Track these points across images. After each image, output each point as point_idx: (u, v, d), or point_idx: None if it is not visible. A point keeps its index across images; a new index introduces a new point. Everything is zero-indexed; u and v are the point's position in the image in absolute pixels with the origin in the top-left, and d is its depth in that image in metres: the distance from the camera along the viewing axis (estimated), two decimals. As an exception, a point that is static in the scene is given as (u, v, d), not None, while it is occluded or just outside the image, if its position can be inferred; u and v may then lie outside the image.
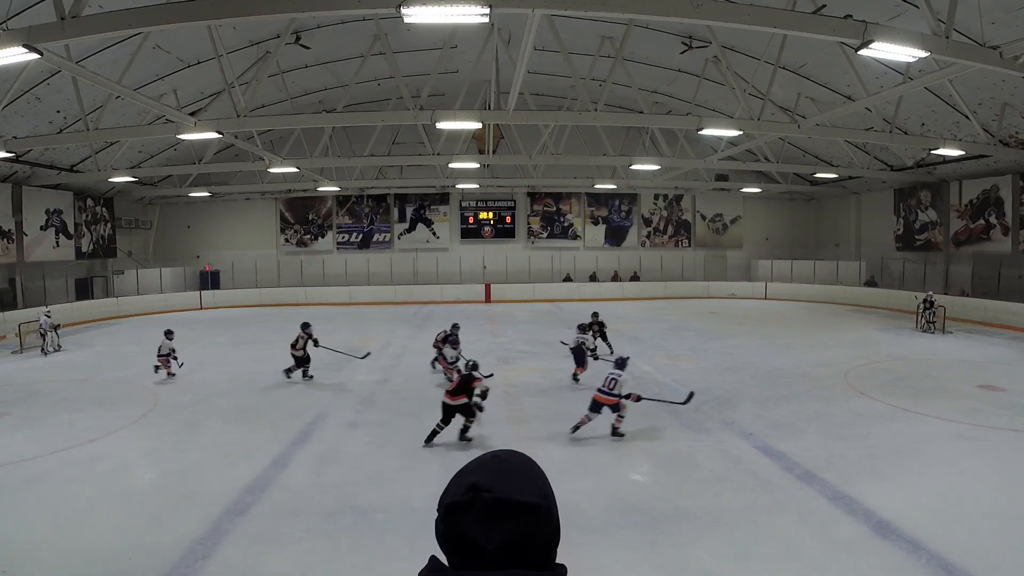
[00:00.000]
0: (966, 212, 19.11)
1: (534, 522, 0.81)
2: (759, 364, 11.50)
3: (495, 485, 0.81)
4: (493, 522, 0.79)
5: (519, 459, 0.90)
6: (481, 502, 0.80)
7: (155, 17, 7.05)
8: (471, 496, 0.81)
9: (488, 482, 0.82)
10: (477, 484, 0.81)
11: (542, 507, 0.82)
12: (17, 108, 13.12)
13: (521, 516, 0.80)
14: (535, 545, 0.81)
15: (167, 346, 11.10)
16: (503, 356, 13.01)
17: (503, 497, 0.80)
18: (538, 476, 0.87)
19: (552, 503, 0.85)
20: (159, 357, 11.08)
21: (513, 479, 0.84)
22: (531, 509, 0.81)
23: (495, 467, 0.86)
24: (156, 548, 4.75)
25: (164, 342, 11.16)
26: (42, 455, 6.94)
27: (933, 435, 7.38)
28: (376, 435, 7.74)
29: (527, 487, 0.83)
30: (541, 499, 0.83)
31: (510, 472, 0.85)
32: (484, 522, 0.79)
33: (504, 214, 27.41)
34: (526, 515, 0.80)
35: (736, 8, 7.27)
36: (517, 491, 0.81)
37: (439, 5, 6.16)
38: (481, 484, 0.81)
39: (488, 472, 0.84)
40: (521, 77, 10.19)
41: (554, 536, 0.85)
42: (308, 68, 16.90)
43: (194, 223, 26.92)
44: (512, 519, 0.79)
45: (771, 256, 26.88)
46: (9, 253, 18.02)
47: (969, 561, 4.37)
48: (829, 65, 14.19)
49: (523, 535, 0.80)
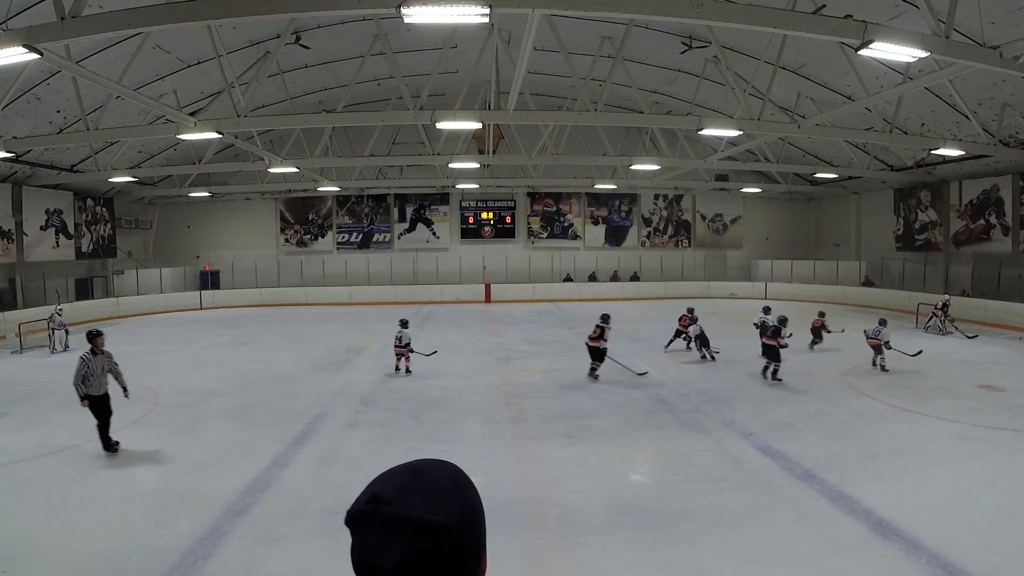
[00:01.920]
0: (966, 212, 19.11)
1: (437, 543, 0.72)
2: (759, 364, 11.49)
3: (398, 498, 0.74)
4: (391, 538, 0.71)
5: (439, 471, 0.80)
6: (380, 516, 0.73)
7: (155, 17, 7.05)
8: (371, 508, 0.74)
9: (391, 494, 0.74)
10: (379, 495, 0.74)
11: (446, 527, 0.73)
12: (17, 108, 13.12)
13: (422, 535, 0.72)
14: (438, 568, 0.72)
15: (406, 336, 10.76)
16: (503, 356, 13.01)
17: (402, 512, 0.72)
18: (456, 493, 0.78)
19: (468, 523, 0.76)
20: (397, 348, 10.76)
21: (421, 493, 0.75)
22: (432, 528, 0.72)
23: (407, 478, 0.78)
24: (156, 548, 4.75)
25: (402, 332, 10.82)
26: (42, 455, 6.94)
27: (933, 435, 7.38)
28: (376, 435, 7.74)
29: (436, 503, 0.74)
30: (446, 518, 0.73)
31: (421, 486, 0.76)
32: (382, 537, 0.72)
33: (504, 214, 27.42)
34: (428, 535, 0.72)
35: (736, 8, 7.27)
36: (422, 507, 0.73)
37: (439, 5, 6.16)
38: (383, 496, 0.74)
39: (396, 483, 0.76)
40: (521, 77, 10.19)
41: (463, 559, 0.75)
42: (308, 68, 16.90)
43: (194, 223, 26.92)
44: (410, 537, 0.71)
45: (771, 256, 26.89)
46: (9, 253, 18.02)
47: (969, 561, 4.37)
48: (829, 65, 14.20)
49: (422, 556, 0.71)
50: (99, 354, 7.06)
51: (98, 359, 7.03)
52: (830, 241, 26.90)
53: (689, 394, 9.60)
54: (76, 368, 6.90)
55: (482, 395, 9.74)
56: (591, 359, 10.67)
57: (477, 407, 9.04)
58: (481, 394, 9.79)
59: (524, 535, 5.00)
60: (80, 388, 6.83)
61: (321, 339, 15.75)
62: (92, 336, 7.19)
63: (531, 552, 4.75)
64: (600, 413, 8.60)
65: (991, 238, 18.26)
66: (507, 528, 5.07)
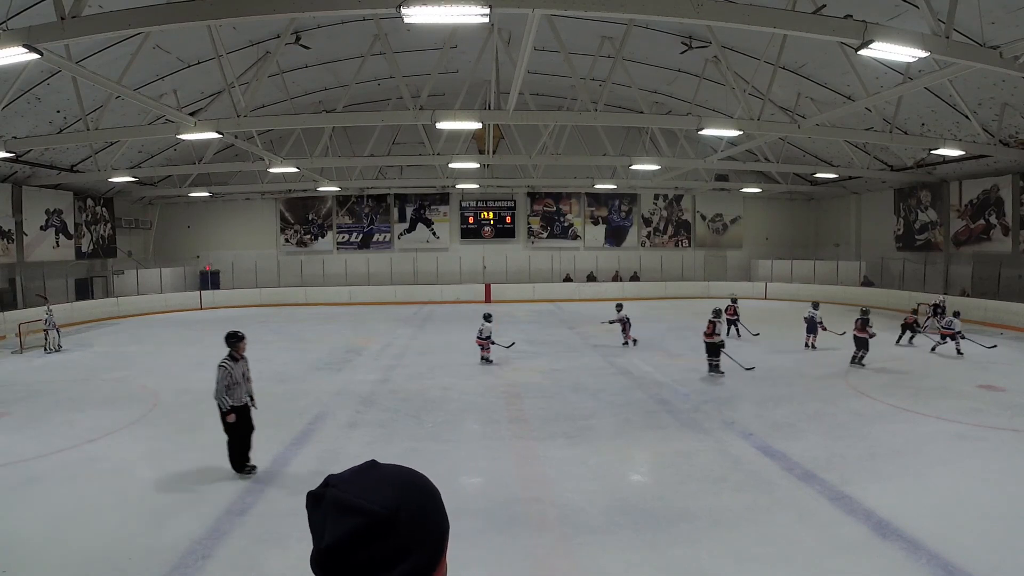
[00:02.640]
0: (966, 212, 19.10)
1: (369, 530, 0.74)
2: (759, 364, 11.50)
3: (346, 485, 0.78)
4: (331, 519, 0.75)
5: (395, 471, 0.84)
6: (326, 497, 0.77)
7: (155, 17, 7.05)
8: (322, 491, 0.78)
9: (342, 481, 0.79)
10: (330, 480, 0.79)
11: (377, 515, 0.75)
12: (17, 108, 13.12)
13: (353, 518, 0.74)
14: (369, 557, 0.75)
15: (487, 329, 10.75)
16: (503, 356, 13.00)
17: (341, 495, 0.76)
18: (401, 489, 0.80)
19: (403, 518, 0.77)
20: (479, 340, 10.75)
21: (366, 483, 0.79)
22: (364, 513, 0.75)
23: (361, 470, 0.82)
24: (156, 548, 4.75)
25: (484, 325, 10.82)
26: (42, 455, 6.94)
27: (933, 435, 7.38)
28: (376, 435, 7.74)
29: (376, 494, 0.77)
30: (380, 508, 0.75)
31: (375, 478, 0.80)
32: (324, 517, 0.76)
33: (504, 214, 27.42)
34: (360, 519, 0.74)
35: (736, 8, 7.27)
36: (361, 494, 0.76)
37: (439, 5, 6.16)
38: (335, 481, 0.79)
39: (351, 473, 0.81)
40: (521, 77, 10.19)
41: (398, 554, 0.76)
42: (308, 68, 16.90)
43: (194, 223, 26.92)
44: (344, 518, 0.75)
45: (771, 256, 26.90)
46: (9, 253, 18.02)
47: (969, 561, 4.37)
48: (829, 65, 14.20)
49: (353, 540, 0.74)
50: (240, 359, 6.33)
51: (239, 364, 6.29)
52: (830, 241, 26.91)
53: (689, 394, 9.60)
54: (217, 377, 6.12)
55: (482, 395, 9.74)
56: (707, 355, 10.93)
57: (477, 407, 9.04)
58: (481, 394, 9.79)
59: (524, 535, 5.00)
60: (225, 401, 6.09)
61: (321, 339, 15.75)
62: (236, 339, 6.37)
63: (531, 552, 4.75)
64: (600, 413, 8.60)
65: (991, 238, 18.26)
66: (507, 528, 5.07)
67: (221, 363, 6.23)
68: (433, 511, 0.83)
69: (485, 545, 4.73)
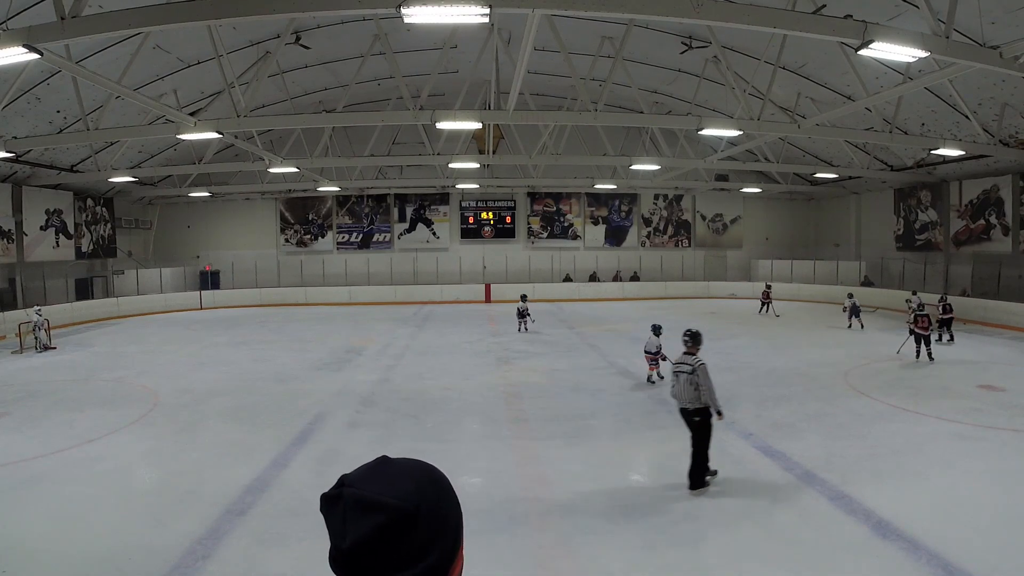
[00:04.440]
0: (966, 212, 19.10)
1: (391, 523, 0.74)
2: (759, 364, 11.50)
3: (362, 483, 0.77)
4: (351, 519, 0.74)
5: (407, 463, 0.83)
6: (344, 497, 0.76)
7: (155, 17, 7.05)
8: (338, 491, 0.77)
9: (358, 479, 0.78)
10: (345, 479, 0.78)
11: (401, 509, 0.75)
12: (17, 108, 13.13)
13: (374, 515, 0.74)
14: (395, 552, 0.74)
15: (653, 343, 9.95)
16: (503, 356, 13.01)
17: (361, 493, 0.76)
18: (418, 483, 0.80)
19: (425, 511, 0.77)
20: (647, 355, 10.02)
21: (382, 478, 0.79)
22: (387, 508, 0.74)
23: (375, 467, 0.82)
24: (156, 548, 4.75)
25: (651, 339, 9.98)
26: (42, 455, 6.93)
27: (933, 435, 7.37)
28: (376, 435, 7.74)
29: (395, 488, 0.77)
30: (401, 501, 0.75)
31: (389, 474, 0.80)
32: (344, 518, 0.75)
33: (504, 214, 27.42)
34: (383, 516, 0.74)
35: (736, 8, 7.27)
36: (381, 490, 0.76)
37: (439, 5, 6.16)
38: (349, 480, 0.78)
39: (365, 471, 0.81)
40: (521, 77, 10.19)
41: (422, 548, 0.76)
42: (308, 68, 16.90)
43: (194, 223, 26.92)
44: (366, 516, 0.74)
45: (771, 256, 26.89)
46: (9, 253, 18.02)
47: (969, 561, 4.37)
48: (829, 65, 14.20)
49: (377, 537, 0.73)
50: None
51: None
52: (830, 241, 26.90)
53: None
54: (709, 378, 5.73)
55: (482, 395, 9.74)
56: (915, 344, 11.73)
57: (477, 407, 9.04)
58: (481, 394, 9.79)
59: (525, 535, 5.00)
60: (716, 400, 5.76)
61: (321, 339, 15.75)
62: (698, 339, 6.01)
63: (532, 552, 4.75)
64: (600, 413, 8.60)
65: (991, 238, 18.25)
66: (508, 528, 5.07)
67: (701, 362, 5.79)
68: (450, 502, 0.84)
69: (485, 545, 4.72)
